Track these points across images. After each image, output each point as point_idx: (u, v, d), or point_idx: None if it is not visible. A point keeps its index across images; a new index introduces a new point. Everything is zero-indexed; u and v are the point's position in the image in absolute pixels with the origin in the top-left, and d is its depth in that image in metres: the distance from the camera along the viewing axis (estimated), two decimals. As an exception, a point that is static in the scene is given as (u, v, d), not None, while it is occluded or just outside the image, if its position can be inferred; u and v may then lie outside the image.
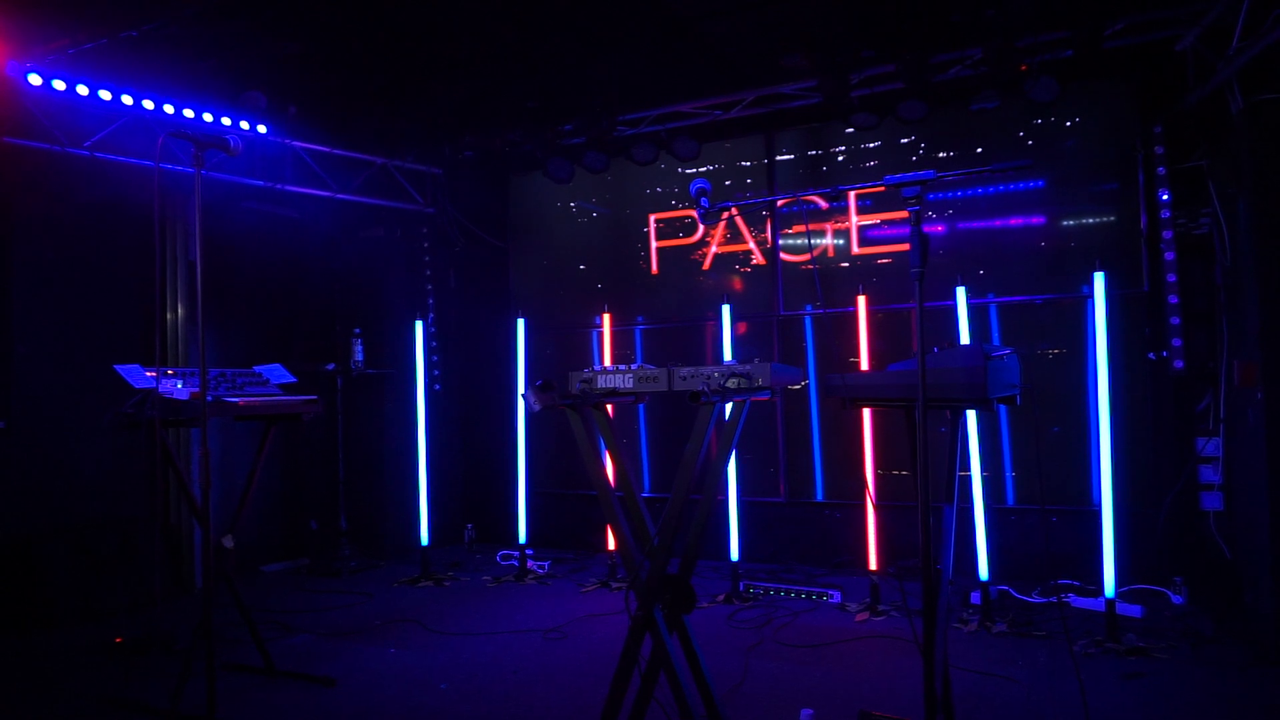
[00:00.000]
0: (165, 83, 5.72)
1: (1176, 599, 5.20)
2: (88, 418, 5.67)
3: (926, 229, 6.21)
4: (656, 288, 7.34)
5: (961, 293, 5.16)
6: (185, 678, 3.80)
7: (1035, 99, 5.33)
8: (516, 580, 6.39)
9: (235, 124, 6.15)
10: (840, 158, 6.68)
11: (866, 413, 5.39)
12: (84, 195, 5.83)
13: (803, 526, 6.67)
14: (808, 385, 6.73)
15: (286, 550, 7.23)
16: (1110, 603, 4.55)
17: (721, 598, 5.68)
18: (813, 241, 6.75)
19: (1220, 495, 5.26)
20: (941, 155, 6.29)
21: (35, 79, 5.12)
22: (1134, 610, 4.97)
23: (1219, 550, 5.21)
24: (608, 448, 3.43)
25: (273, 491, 7.14)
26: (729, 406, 3.32)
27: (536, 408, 3.17)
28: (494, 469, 7.68)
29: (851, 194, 6.51)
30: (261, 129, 6.34)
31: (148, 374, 4.04)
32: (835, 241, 6.66)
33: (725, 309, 5.93)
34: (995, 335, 6.05)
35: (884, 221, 6.51)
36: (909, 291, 2.57)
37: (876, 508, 5.75)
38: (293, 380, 4.70)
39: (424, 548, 6.53)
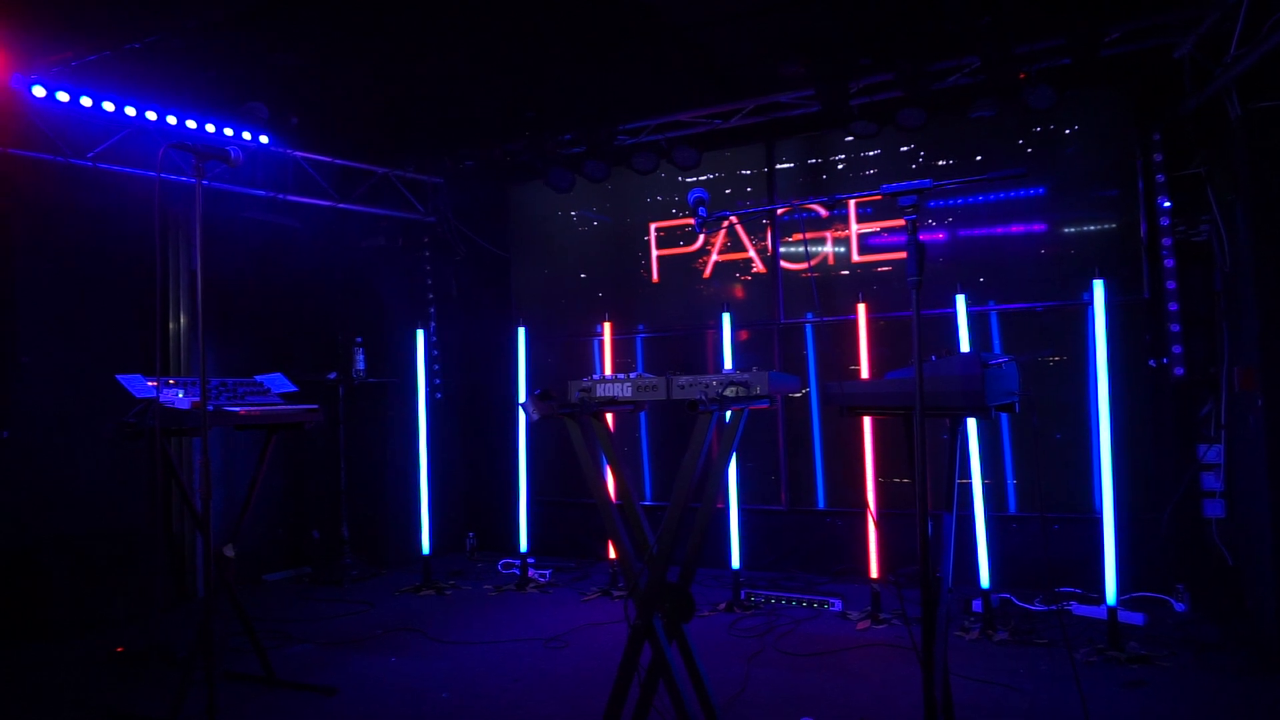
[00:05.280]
0: (168, 94, 5.75)
1: (1179, 606, 5.18)
2: (91, 427, 5.68)
3: (926, 236, 6.28)
4: (657, 296, 7.36)
5: (961, 300, 5.15)
6: (185, 688, 3.80)
7: (1033, 107, 5.35)
8: (518, 589, 6.39)
9: (237, 135, 6.18)
10: (840, 166, 6.69)
11: (867, 421, 5.39)
12: (87, 206, 5.86)
13: (804, 534, 6.66)
14: (809, 393, 6.73)
15: (288, 559, 7.24)
16: (1112, 610, 4.54)
17: (723, 606, 5.67)
18: (811, 250, 6.76)
19: (1222, 502, 5.26)
20: (941, 163, 6.30)
21: (39, 91, 5.16)
22: (1136, 618, 4.95)
23: (1221, 557, 5.20)
24: (607, 456, 3.43)
25: (275, 500, 7.15)
26: (728, 414, 3.32)
27: (535, 417, 3.18)
28: (496, 477, 7.68)
29: (851, 202, 6.53)
30: (264, 139, 6.37)
31: (149, 384, 4.05)
32: (836, 249, 6.67)
33: (726, 317, 5.94)
34: (996, 343, 6.05)
35: (884, 229, 6.52)
36: (909, 299, 2.59)
37: (876, 521, 5.74)
38: (294, 389, 4.71)
39: (425, 556, 6.53)
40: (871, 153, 6.55)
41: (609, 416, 4.00)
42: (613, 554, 6.34)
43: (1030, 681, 4.18)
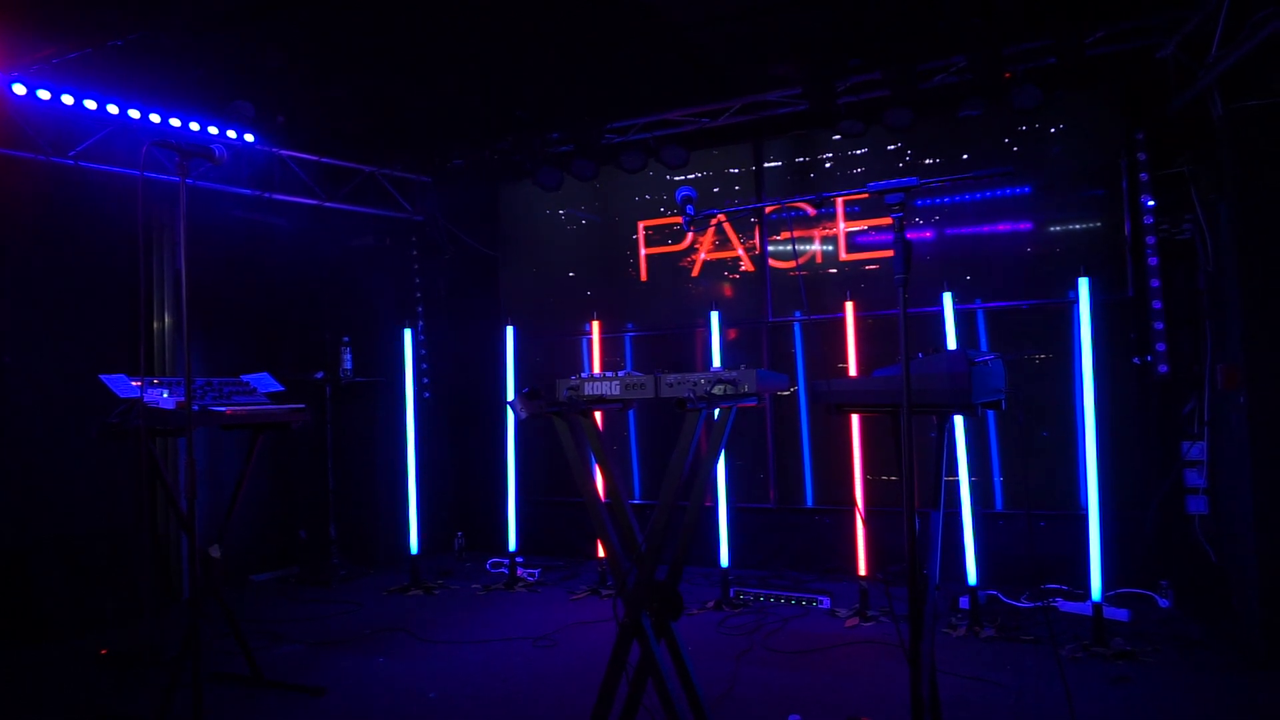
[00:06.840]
0: (153, 93, 5.71)
1: (1163, 602, 5.22)
2: (77, 428, 5.62)
3: (914, 235, 6.31)
4: (646, 295, 7.36)
5: (948, 298, 5.18)
6: (172, 689, 3.78)
7: (1020, 106, 5.38)
8: (506, 588, 6.38)
9: (223, 133, 6.14)
10: (828, 164, 6.71)
11: (855, 418, 5.40)
12: (70, 204, 5.81)
13: (793, 532, 6.68)
14: (797, 391, 6.75)
15: (276, 559, 7.19)
16: (1097, 607, 4.57)
17: (711, 604, 5.68)
18: (798, 248, 6.77)
19: (1205, 499, 5.30)
20: (928, 162, 6.33)
21: (20, 88, 5.11)
22: (1121, 614, 4.99)
23: (1205, 554, 5.24)
24: (595, 455, 3.43)
25: (262, 501, 7.11)
26: (716, 412, 3.32)
27: (523, 415, 3.17)
28: (484, 477, 7.66)
29: (838, 200, 6.55)
30: (249, 138, 6.33)
31: (133, 384, 4.02)
32: (823, 248, 6.69)
33: (714, 316, 5.94)
34: (982, 340, 6.08)
35: (871, 228, 6.54)
36: (896, 297, 2.61)
37: (864, 518, 5.76)
38: (281, 389, 4.69)
39: (413, 556, 6.51)
40: (859, 151, 6.57)
41: (597, 415, 4.00)
42: (601, 553, 6.33)
43: (1016, 678, 4.21)
